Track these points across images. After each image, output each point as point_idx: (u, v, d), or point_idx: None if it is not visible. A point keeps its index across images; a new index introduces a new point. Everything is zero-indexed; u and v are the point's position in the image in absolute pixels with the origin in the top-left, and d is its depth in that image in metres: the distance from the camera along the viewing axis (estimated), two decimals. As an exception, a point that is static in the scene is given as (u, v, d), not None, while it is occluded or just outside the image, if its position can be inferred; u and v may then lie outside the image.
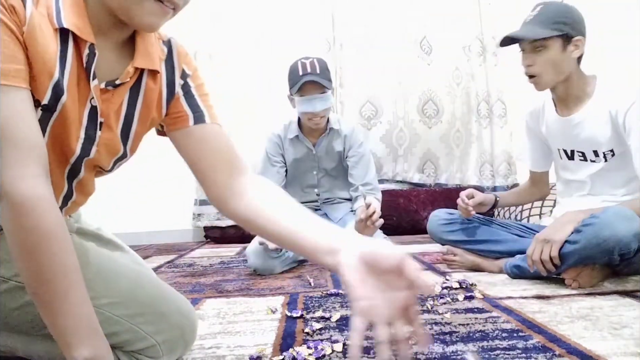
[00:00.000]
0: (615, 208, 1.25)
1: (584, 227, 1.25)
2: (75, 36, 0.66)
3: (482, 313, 1.12)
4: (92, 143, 0.74)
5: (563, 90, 1.45)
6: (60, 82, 0.66)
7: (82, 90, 0.69)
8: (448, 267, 1.68)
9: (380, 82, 2.90)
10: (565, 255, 1.28)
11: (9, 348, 0.83)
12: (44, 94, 0.65)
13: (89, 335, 0.63)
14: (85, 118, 0.71)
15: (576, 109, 1.45)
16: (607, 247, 1.21)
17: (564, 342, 0.89)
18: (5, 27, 0.59)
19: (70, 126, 0.70)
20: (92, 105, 0.71)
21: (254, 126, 2.86)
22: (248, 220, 0.77)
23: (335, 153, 1.96)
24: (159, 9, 0.65)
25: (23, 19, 0.61)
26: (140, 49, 0.74)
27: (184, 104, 0.82)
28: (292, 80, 1.81)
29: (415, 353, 0.87)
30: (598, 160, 1.44)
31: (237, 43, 2.87)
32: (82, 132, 0.72)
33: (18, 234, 0.59)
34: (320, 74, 1.76)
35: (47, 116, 0.67)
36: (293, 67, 1.82)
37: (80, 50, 0.67)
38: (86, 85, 0.69)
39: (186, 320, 0.86)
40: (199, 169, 0.80)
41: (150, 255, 2.43)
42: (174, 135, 0.82)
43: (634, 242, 1.21)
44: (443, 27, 2.99)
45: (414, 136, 2.96)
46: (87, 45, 0.67)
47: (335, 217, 2.01)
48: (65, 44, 0.66)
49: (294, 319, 1.13)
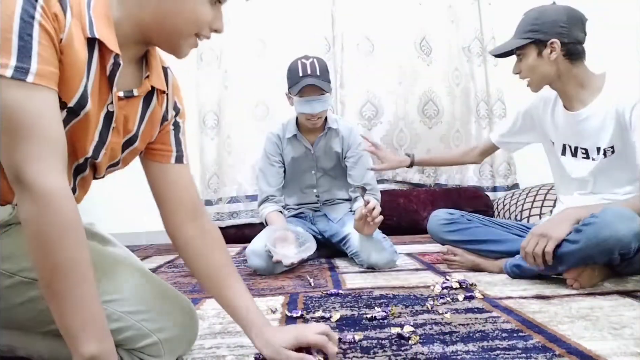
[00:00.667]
0: (615, 208, 1.25)
1: (584, 227, 1.25)
2: (102, 46, 0.72)
3: (482, 313, 1.12)
4: (103, 146, 0.79)
5: (559, 88, 1.48)
6: (87, 87, 0.72)
7: (102, 95, 0.75)
8: (448, 267, 1.68)
9: (380, 83, 2.90)
10: (565, 255, 1.28)
11: (9, 347, 0.83)
12: (72, 98, 0.70)
13: (97, 332, 0.64)
14: (101, 122, 0.77)
15: (583, 105, 1.45)
16: (607, 247, 1.21)
17: (564, 342, 0.89)
18: (45, 32, 0.64)
19: (88, 128, 0.75)
20: (109, 110, 0.77)
21: (254, 126, 2.86)
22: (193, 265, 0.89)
23: (333, 153, 1.96)
24: (195, 43, 0.78)
25: (63, 27, 0.67)
26: (153, 68, 0.83)
27: (172, 139, 0.90)
28: (291, 79, 1.79)
29: (415, 353, 0.87)
30: (598, 158, 1.44)
31: (236, 43, 2.87)
32: (97, 135, 0.78)
33: (39, 226, 0.61)
34: (320, 76, 1.75)
35: (70, 117, 0.72)
36: (293, 66, 1.80)
37: (105, 59, 0.74)
38: (106, 91, 0.76)
39: (188, 319, 0.87)
40: (165, 203, 0.89)
41: (150, 255, 2.43)
42: (150, 164, 0.89)
43: (634, 242, 1.21)
44: (443, 28, 2.99)
45: (414, 136, 2.96)
46: (112, 55, 0.73)
47: (335, 218, 2.01)
48: (92, 52, 0.72)
49: (294, 319, 1.13)
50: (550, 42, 1.39)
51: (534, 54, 1.42)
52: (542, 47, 1.41)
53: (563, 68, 1.42)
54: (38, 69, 0.62)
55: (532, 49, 1.42)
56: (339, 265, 1.85)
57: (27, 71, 0.61)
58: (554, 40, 1.39)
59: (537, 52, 1.42)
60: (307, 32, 2.88)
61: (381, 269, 1.72)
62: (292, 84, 1.79)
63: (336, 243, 1.95)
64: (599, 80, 1.44)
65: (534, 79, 1.46)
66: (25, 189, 0.61)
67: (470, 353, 0.86)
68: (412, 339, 0.93)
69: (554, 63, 1.41)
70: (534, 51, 1.42)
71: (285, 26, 2.86)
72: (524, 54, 1.44)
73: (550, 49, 1.40)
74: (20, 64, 0.61)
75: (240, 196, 2.88)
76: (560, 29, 1.39)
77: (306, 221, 2.06)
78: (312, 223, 2.06)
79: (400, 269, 1.73)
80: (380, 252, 1.73)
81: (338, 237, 1.93)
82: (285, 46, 2.78)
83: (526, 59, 1.44)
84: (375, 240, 1.76)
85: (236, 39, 2.87)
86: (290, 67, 1.82)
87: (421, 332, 0.99)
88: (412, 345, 0.92)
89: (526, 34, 1.42)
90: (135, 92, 0.80)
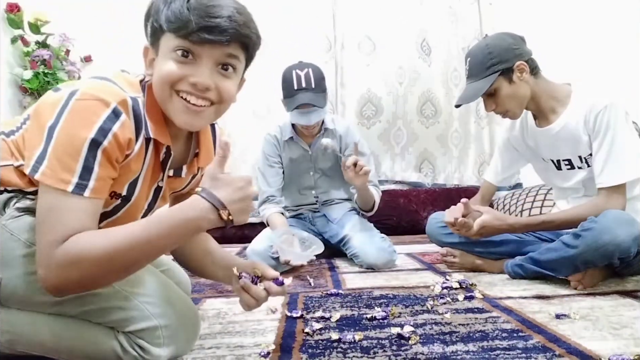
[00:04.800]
0: (615, 212, 1.25)
1: (583, 232, 1.25)
2: (156, 140, 0.83)
3: (482, 313, 1.12)
4: (150, 212, 0.93)
5: (534, 107, 1.49)
6: (139, 177, 0.84)
7: (154, 175, 0.88)
8: (448, 268, 1.68)
9: (380, 83, 2.90)
10: (565, 259, 1.29)
11: (9, 341, 0.82)
12: (123, 188, 0.82)
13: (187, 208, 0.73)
14: (151, 195, 0.91)
15: (553, 119, 1.46)
16: (607, 252, 1.21)
17: (564, 342, 0.90)
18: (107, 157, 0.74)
19: (139, 204, 0.88)
20: (159, 185, 0.91)
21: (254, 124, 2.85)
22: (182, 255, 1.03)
23: (330, 153, 1.95)
24: (182, 106, 0.79)
25: (133, 146, 0.78)
26: (203, 147, 0.94)
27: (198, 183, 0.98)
28: (286, 91, 1.78)
29: (415, 353, 0.87)
30: (584, 167, 1.44)
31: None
32: (146, 204, 0.91)
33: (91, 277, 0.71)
34: (315, 88, 1.73)
35: (124, 203, 0.85)
36: (287, 77, 1.77)
37: (159, 150, 0.85)
38: (157, 172, 0.88)
39: (189, 311, 0.89)
40: None
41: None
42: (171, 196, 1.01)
43: (633, 246, 1.21)
44: (443, 28, 2.99)
45: (411, 135, 2.96)
46: (164, 146, 0.85)
47: (335, 218, 2.00)
48: (147, 147, 0.83)
49: (294, 319, 1.13)
50: (516, 65, 1.40)
51: (505, 84, 1.42)
52: (510, 74, 1.41)
53: (533, 85, 1.44)
54: (95, 186, 0.73)
55: (502, 80, 1.42)
56: (339, 265, 1.85)
57: (86, 187, 0.72)
58: (520, 62, 1.40)
59: (508, 81, 1.42)
60: (308, 31, 2.88)
61: (380, 269, 1.72)
62: (286, 96, 1.78)
63: (336, 244, 1.95)
64: (565, 89, 1.45)
65: (513, 107, 1.46)
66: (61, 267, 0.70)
67: (470, 353, 0.86)
68: (412, 339, 0.93)
69: (526, 84, 1.43)
70: (505, 81, 1.42)
71: (286, 25, 2.86)
72: (495, 88, 1.43)
73: (519, 71, 1.41)
74: (80, 181, 0.71)
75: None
76: (515, 51, 1.41)
77: (305, 222, 2.06)
78: (312, 224, 2.05)
79: (400, 269, 1.73)
80: (379, 252, 1.73)
81: (337, 238, 1.93)
82: (286, 45, 2.78)
83: (500, 92, 1.43)
84: (374, 241, 1.76)
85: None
86: (284, 76, 1.79)
87: (421, 332, 0.99)
88: (412, 345, 0.92)
89: (489, 70, 1.41)
90: (183, 173, 0.92)
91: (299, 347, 0.93)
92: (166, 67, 0.77)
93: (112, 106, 0.73)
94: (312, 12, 2.89)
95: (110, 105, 0.73)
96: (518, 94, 1.43)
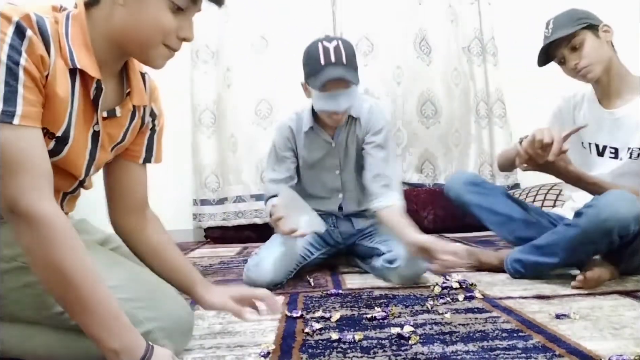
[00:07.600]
0: (617, 191, 1.26)
1: (585, 209, 1.26)
2: (83, 73, 0.76)
3: (482, 313, 1.12)
4: (93, 163, 0.87)
5: (605, 82, 1.47)
6: (72, 115, 0.77)
7: (87, 117, 0.81)
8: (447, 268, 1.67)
9: (380, 82, 2.89)
10: (567, 240, 1.29)
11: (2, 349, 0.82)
12: (59, 128, 0.76)
13: (118, 329, 0.70)
14: (89, 142, 0.84)
15: (617, 104, 1.46)
16: (607, 228, 1.21)
17: (564, 342, 0.89)
18: (29, 75, 0.68)
19: (79, 151, 0.82)
20: (95, 130, 0.83)
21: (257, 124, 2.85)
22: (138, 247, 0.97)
23: (357, 146, 1.60)
24: (167, 54, 0.80)
25: (47, 65, 0.71)
26: (134, 86, 0.87)
27: (144, 142, 0.96)
28: (310, 67, 1.43)
29: (415, 353, 0.87)
30: (624, 158, 1.43)
31: (236, 41, 2.87)
32: (87, 154, 0.84)
33: (42, 248, 0.66)
34: (347, 65, 1.39)
35: (61, 146, 0.78)
36: (312, 51, 1.43)
37: (88, 84, 0.78)
38: (91, 113, 0.81)
39: (182, 310, 0.89)
40: (117, 194, 0.95)
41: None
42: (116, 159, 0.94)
43: (633, 224, 1.22)
44: (442, 27, 2.99)
45: (412, 136, 2.96)
46: (94, 80, 0.78)
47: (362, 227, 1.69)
48: (74, 80, 0.76)
49: (294, 319, 1.13)
50: (602, 25, 1.42)
51: (592, 37, 1.42)
52: (596, 31, 1.42)
53: (612, 56, 1.44)
54: (23, 111, 0.67)
55: (588, 33, 1.42)
56: (338, 265, 1.84)
57: (13, 114, 0.66)
58: (605, 24, 1.42)
59: (594, 35, 1.42)
60: (307, 30, 2.87)
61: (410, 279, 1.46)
62: (311, 74, 1.42)
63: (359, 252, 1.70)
64: (637, 79, 1.45)
65: (596, 62, 1.42)
66: (22, 219, 0.66)
67: (470, 353, 0.86)
68: (412, 339, 0.93)
69: (609, 48, 1.43)
70: (591, 34, 1.42)
71: (286, 24, 2.85)
72: (582, 40, 1.42)
73: (604, 32, 1.42)
74: (6, 108, 0.66)
75: (245, 195, 2.86)
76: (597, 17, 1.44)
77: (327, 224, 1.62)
78: (334, 226, 1.71)
79: (400, 268, 1.72)
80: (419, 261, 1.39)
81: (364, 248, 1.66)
82: (286, 45, 2.77)
83: (586, 43, 1.41)
84: None
85: (237, 36, 2.86)
86: (308, 50, 1.45)
87: (421, 332, 0.99)
88: (412, 345, 0.92)
89: (577, 22, 1.41)
90: (117, 112, 0.85)
91: (299, 347, 0.93)
92: (164, 18, 0.76)
93: (15, 20, 0.67)
94: (311, 12, 2.89)
95: (12, 20, 0.67)
96: (601, 52, 1.42)
